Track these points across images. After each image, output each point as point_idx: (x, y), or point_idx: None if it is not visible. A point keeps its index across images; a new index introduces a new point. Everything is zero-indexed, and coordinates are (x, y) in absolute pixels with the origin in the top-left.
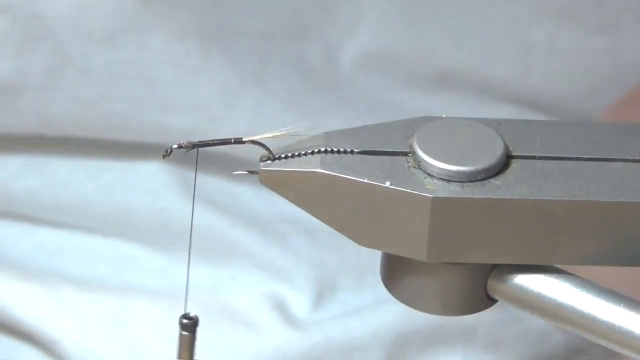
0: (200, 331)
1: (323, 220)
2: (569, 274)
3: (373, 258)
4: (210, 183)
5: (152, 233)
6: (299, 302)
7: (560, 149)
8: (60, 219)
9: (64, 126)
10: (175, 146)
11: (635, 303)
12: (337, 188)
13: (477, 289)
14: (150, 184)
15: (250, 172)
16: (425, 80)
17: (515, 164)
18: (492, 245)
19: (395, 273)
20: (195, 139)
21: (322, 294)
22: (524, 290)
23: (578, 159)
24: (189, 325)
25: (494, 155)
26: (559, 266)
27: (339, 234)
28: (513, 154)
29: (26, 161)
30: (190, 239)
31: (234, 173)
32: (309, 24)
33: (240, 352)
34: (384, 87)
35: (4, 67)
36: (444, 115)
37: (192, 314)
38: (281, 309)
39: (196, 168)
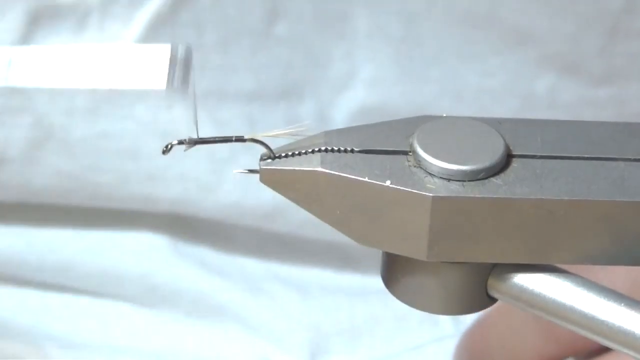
0: None
1: (323, 220)
2: (569, 273)
3: (367, 318)
4: (201, 246)
5: (140, 294)
6: None
7: (561, 148)
8: (46, 280)
9: (47, 197)
10: (175, 142)
11: (635, 303)
12: (337, 187)
13: (477, 288)
14: (138, 247)
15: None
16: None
17: (516, 163)
18: (492, 245)
19: (396, 272)
20: (185, 208)
21: (314, 357)
22: (524, 290)
23: (578, 158)
24: None
25: (494, 154)
26: (559, 266)
27: (331, 291)
28: (514, 153)
29: (9, 227)
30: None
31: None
32: (300, 81)
33: None
34: None
35: None
36: (444, 114)
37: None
38: None
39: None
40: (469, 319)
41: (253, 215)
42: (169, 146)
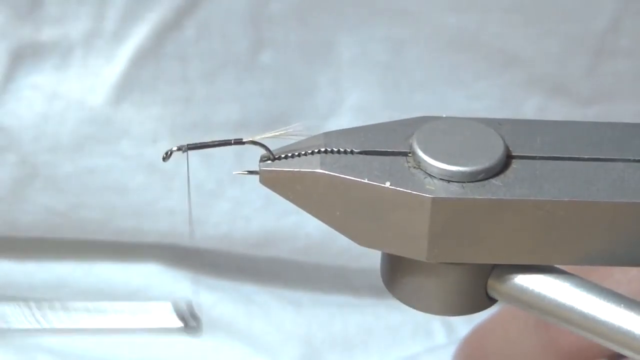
0: None
1: (323, 221)
2: (569, 274)
3: (360, 330)
4: (192, 268)
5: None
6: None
7: (561, 149)
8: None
9: (35, 232)
10: (175, 148)
11: (635, 303)
12: (337, 188)
13: (477, 289)
14: (129, 273)
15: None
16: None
17: (515, 164)
18: (492, 245)
19: (395, 273)
20: (174, 240)
21: None
22: (524, 290)
23: (578, 159)
24: None
25: (494, 155)
26: (559, 266)
27: (323, 304)
28: (513, 154)
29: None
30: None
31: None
32: (286, 110)
33: None
34: None
35: None
36: (444, 115)
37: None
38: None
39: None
40: (464, 329)
41: (243, 244)
42: (169, 152)
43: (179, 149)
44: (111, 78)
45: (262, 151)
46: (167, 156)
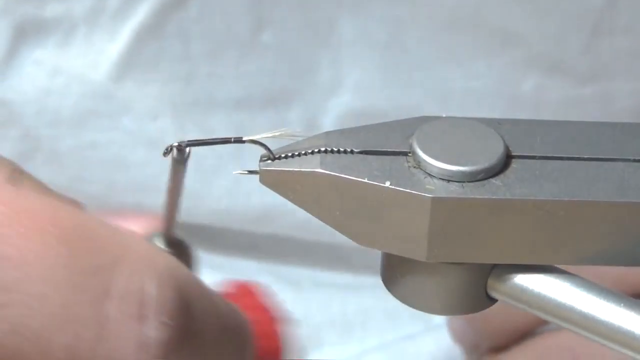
0: None
1: (323, 220)
2: (569, 274)
3: (359, 310)
4: (196, 238)
5: None
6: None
7: (561, 149)
8: None
9: None
10: (175, 144)
11: (635, 303)
12: (337, 188)
13: (477, 288)
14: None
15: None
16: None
17: (515, 164)
18: (492, 245)
19: (395, 273)
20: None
21: (307, 349)
22: (524, 290)
23: (578, 159)
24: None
25: (494, 155)
26: (559, 266)
27: (323, 285)
28: (513, 153)
29: None
30: None
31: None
32: (288, 88)
33: None
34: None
35: None
36: (443, 115)
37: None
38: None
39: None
40: None
41: (243, 219)
42: (169, 148)
43: (179, 144)
44: (113, 54)
45: (262, 150)
46: (167, 152)
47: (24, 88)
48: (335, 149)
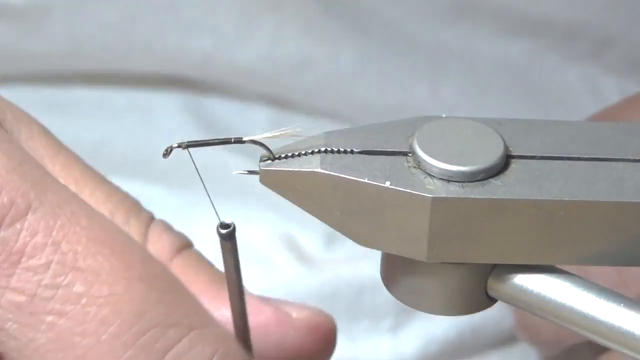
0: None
1: (323, 220)
2: (569, 274)
3: None
4: (222, 116)
5: (170, 172)
6: (311, 242)
7: (561, 149)
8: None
9: (89, 50)
10: (175, 145)
11: (635, 303)
12: (337, 188)
13: (477, 289)
14: (167, 121)
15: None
16: (441, 10)
17: (515, 164)
18: (492, 245)
19: (395, 273)
20: (213, 63)
21: (332, 237)
22: (524, 290)
23: (578, 159)
24: (227, 233)
25: (494, 155)
26: (558, 266)
27: None
28: (513, 153)
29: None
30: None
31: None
32: None
33: (252, 287)
34: (401, 14)
35: None
36: (444, 115)
37: (228, 221)
38: (293, 248)
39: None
40: None
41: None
42: (169, 149)
43: (179, 146)
44: None
45: (262, 151)
46: (167, 153)
47: None
48: (335, 149)
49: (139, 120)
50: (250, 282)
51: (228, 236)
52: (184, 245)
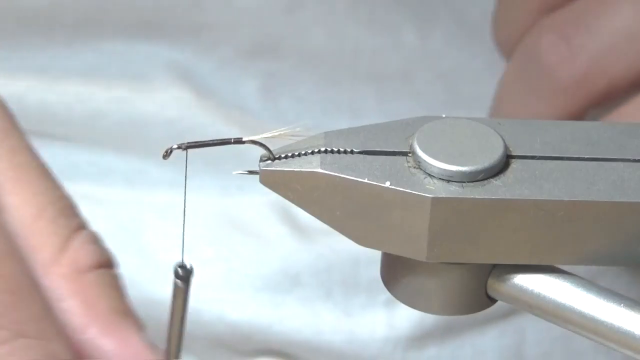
0: (207, 239)
1: (323, 220)
2: (569, 274)
3: None
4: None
5: (164, 145)
6: (306, 215)
7: (561, 149)
8: (71, 134)
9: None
10: (175, 146)
11: (635, 303)
12: (337, 188)
13: (477, 289)
14: (161, 94)
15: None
16: None
17: (515, 164)
18: (492, 245)
19: (395, 273)
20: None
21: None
22: (524, 290)
23: (578, 159)
24: (184, 275)
25: (494, 155)
26: (558, 267)
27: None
28: (513, 154)
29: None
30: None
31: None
32: None
33: (247, 260)
34: None
35: None
36: (444, 115)
37: (187, 265)
38: (288, 220)
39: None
40: None
41: None
42: (169, 151)
43: (179, 147)
44: None
45: (262, 151)
46: (167, 154)
47: None
48: (335, 149)
49: (130, 91)
50: (244, 257)
51: (184, 278)
52: (104, 263)
